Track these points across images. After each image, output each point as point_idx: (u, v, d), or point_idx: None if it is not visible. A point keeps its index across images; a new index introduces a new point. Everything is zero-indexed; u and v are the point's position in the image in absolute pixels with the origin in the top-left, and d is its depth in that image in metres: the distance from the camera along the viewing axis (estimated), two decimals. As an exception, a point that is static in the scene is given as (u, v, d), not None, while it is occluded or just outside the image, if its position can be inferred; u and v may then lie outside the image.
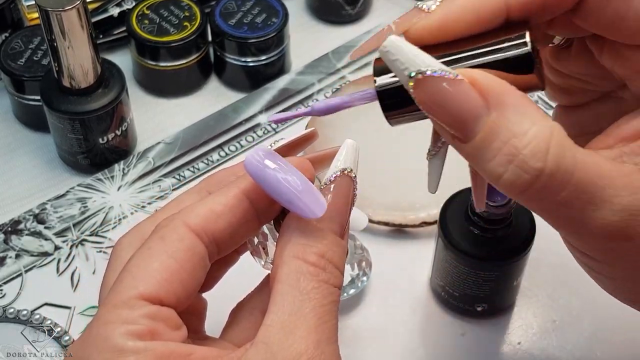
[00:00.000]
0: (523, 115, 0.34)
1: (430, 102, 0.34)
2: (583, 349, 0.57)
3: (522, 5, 0.35)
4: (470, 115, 0.34)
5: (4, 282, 0.61)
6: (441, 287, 0.58)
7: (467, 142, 0.35)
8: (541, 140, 0.33)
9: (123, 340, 0.34)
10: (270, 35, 0.71)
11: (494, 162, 0.34)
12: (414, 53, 0.34)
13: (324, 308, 0.36)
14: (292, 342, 0.34)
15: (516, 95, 0.34)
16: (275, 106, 0.71)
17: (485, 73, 0.34)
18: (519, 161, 0.33)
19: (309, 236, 0.37)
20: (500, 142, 0.34)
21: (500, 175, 0.34)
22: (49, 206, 0.65)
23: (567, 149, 0.34)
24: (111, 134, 0.66)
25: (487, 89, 0.34)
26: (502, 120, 0.34)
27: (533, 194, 0.34)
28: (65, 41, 0.60)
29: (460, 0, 0.36)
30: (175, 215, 0.38)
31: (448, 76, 0.34)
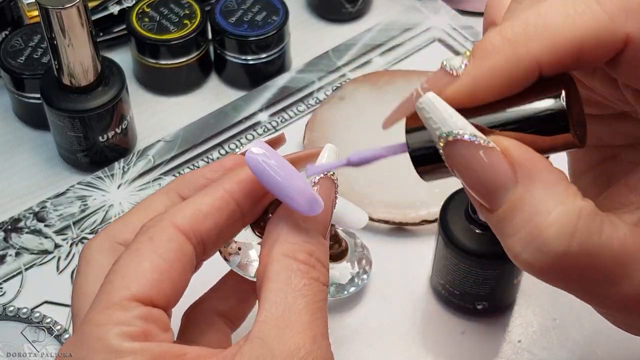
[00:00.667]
0: (551, 193, 0.32)
1: (459, 165, 0.33)
2: (583, 347, 0.57)
3: (555, 64, 0.33)
4: (497, 186, 0.33)
5: (3, 280, 0.61)
6: (441, 285, 0.58)
7: (492, 213, 0.34)
8: (566, 222, 0.32)
9: (118, 341, 0.34)
10: (271, 33, 0.71)
11: (514, 239, 0.33)
12: (449, 113, 0.33)
13: (316, 305, 0.36)
14: (289, 337, 0.35)
15: (547, 170, 0.33)
16: (276, 104, 0.71)
17: (519, 144, 0.33)
18: (540, 243, 0.32)
19: (296, 235, 0.37)
20: (523, 220, 0.33)
21: (518, 255, 0.33)
22: (49, 204, 0.65)
23: (595, 230, 0.32)
24: (111, 132, 0.66)
25: (518, 160, 0.33)
26: (527, 195, 0.32)
27: (552, 276, 0.33)
28: (65, 39, 0.60)
29: (487, 62, 0.33)
30: (162, 216, 0.38)
31: (479, 142, 0.33)
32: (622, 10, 0.32)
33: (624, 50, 0.32)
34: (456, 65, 0.34)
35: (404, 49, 0.76)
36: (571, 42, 0.32)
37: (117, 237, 0.40)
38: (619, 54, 0.32)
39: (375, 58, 0.75)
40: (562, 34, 0.32)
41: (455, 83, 0.34)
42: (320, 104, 0.71)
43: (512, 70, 0.33)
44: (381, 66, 0.74)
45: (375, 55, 0.75)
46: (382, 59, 0.75)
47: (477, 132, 0.33)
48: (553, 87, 0.33)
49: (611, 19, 0.32)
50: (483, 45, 0.33)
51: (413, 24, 0.78)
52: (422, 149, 0.35)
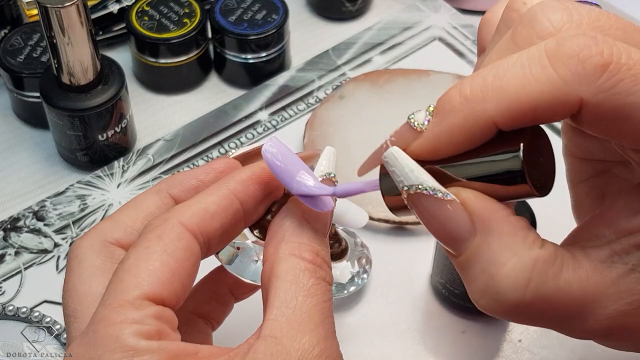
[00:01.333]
0: (507, 244, 0.34)
1: (422, 215, 0.35)
2: (584, 346, 0.57)
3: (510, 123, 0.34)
4: (458, 235, 0.34)
5: (3, 279, 0.61)
6: (442, 284, 0.58)
7: (455, 258, 0.35)
8: (520, 273, 0.33)
9: (135, 340, 0.34)
10: (271, 32, 0.71)
11: (472, 286, 0.35)
12: (410, 168, 0.35)
13: (325, 304, 0.37)
14: (303, 335, 0.35)
15: (505, 221, 0.34)
16: (275, 103, 0.71)
17: (478, 195, 0.34)
18: (494, 293, 0.34)
19: (302, 235, 0.38)
20: (480, 269, 0.34)
21: (477, 301, 0.35)
22: (49, 203, 0.65)
23: (550, 278, 0.33)
24: (111, 130, 0.66)
25: (476, 212, 0.34)
26: (484, 246, 0.34)
27: (511, 318, 0.35)
28: (64, 38, 0.60)
29: (446, 121, 0.34)
30: (169, 214, 0.37)
31: (439, 196, 0.34)
32: (575, 75, 0.32)
33: (580, 111, 0.33)
34: (420, 121, 0.35)
35: (404, 48, 0.76)
36: (526, 104, 0.33)
37: (107, 236, 0.40)
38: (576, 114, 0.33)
39: (376, 57, 0.75)
40: (517, 97, 0.33)
41: (418, 139, 0.35)
42: (320, 103, 0.71)
43: (469, 127, 0.34)
44: (381, 65, 0.74)
45: (376, 54, 0.75)
46: (382, 57, 0.75)
47: (437, 186, 0.34)
48: (514, 140, 0.34)
49: (565, 83, 0.32)
50: (443, 104, 0.35)
51: (413, 22, 0.78)
52: (393, 192, 0.37)
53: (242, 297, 0.48)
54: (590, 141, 0.40)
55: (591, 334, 0.35)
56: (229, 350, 0.35)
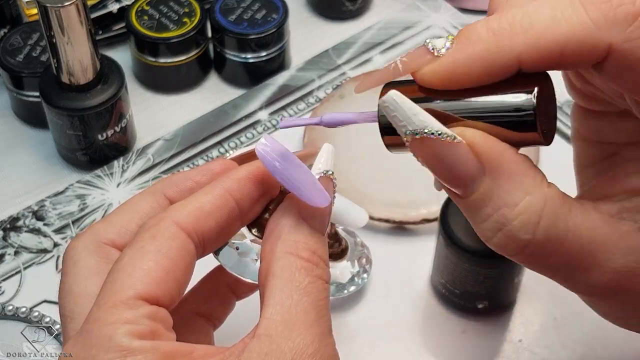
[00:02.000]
0: (517, 184, 0.34)
1: (426, 160, 0.35)
2: (584, 345, 0.57)
3: (535, 62, 0.33)
4: (466, 177, 0.34)
5: (2, 279, 0.61)
6: (442, 284, 0.57)
7: (463, 199, 0.35)
8: (532, 212, 0.34)
9: (128, 340, 0.34)
10: (270, 31, 0.71)
11: (485, 225, 0.35)
12: (413, 112, 0.34)
13: (321, 303, 0.36)
14: (298, 334, 0.35)
15: (514, 161, 0.34)
16: (275, 102, 0.71)
17: (484, 135, 0.34)
18: (507, 231, 0.34)
19: (298, 233, 0.38)
20: (491, 209, 0.34)
21: (489, 239, 0.35)
22: (48, 203, 0.65)
23: (560, 218, 0.34)
24: (110, 130, 0.66)
25: (484, 153, 0.34)
26: (495, 187, 0.34)
27: (521, 258, 0.35)
28: (64, 37, 0.60)
29: (469, 49, 0.34)
30: (164, 214, 0.37)
31: (445, 139, 0.34)
32: (607, 20, 0.32)
33: (606, 58, 0.33)
34: (438, 46, 0.35)
35: (405, 47, 0.76)
36: (554, 43, 0.33)
37: (102, 237, 0.40)
38: (601, 62, 0.33)
39: (376, 56, 0.75)
40: (546, 35, 0.33)
41: (434, 62, 0.35)
42: (320, 103, 0.71)
43: (492, 60, 0.34)
44: (381, 64, 0.74)
45: (376, 54, 0.75)
46: (383, 57, 0.75)
47: (443, 129, 0.34)
48: (528, 83, 0.34)
49: (596, 26, 0.32)
50: (468, 33, 0.34)
51: (413, 22, 0.78)
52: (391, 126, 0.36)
53: (243, 295, 0.48)
54: (602, 122, 0.40)
55: (596, 288, 0.35)
56: (224, 350, 0.35)
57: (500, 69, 0.34)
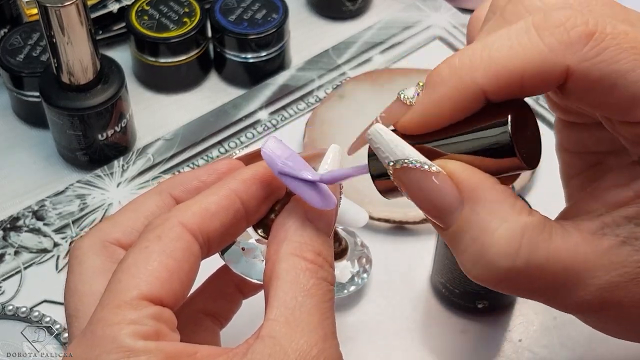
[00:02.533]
0: (495, 212, 0.34)
1: (409, 190, 0.35)
2: (584, 346, 0.57)
3: (498, 92, 0.34)
4: (445, 207, 0.35)
5: (2, 279, 0.61)
6: (442, 284, 0.58)
7: (444, 231, 0.35)
8: (510, 239, 0.34)
9: (132, 340, 0.34)
10: (270, 31, 0.71)
11: (464, 257, 0.35)
12: (395, 143, 0.35)
13: (325, 305, 0.36)
14: (301, 335, 0.35)
15: (492, 189, 0.34)
16: (275, 102, 0.71)
17: (464, 166, 0.35)
18: (486, 261, 0.34)
19: (304, 235, 0.38)
20: (470, 239, 0.34)
21: (470, 271, 0.35)
22: (48, 203, 0.65)
23: (540, 244, 0.34)
24: (110, 130, 0.66)
25: (462, 182, 0.34)
26: (473, 216, 0.34)
27: (504, 287, 0.35)
28: (64, 37, 0.60)
29: (436, 93, 0.35)
30: (169, 214, 0.37)
31: (425, 168, 0.35)
32: (562, 43, 0.33)
33: (566, 80, 0.33)
34: (410, 96, 0.36)
35: (404, 47, 0.76)
36: (513, 72, 0.33)
37: (108, 237, 0.40)
38: (564, 84, 0.34)
39: (376, 56, 0.75)
40: (504, 65, 0.34)
41: (408, 112, 0.36)
42: (320, 102, 0.71)
43: (458, 97, 0.35)
44: (381, 64, 0.74)
45: (376, 53, 0.75)
46: (383, 57, 0.75)
47: (422, 159, 0.35)
48: (501, 112, 0.35)
49: (551, 51, 0.33)
50: (433, 77, 0.35)
51: (413, 22, 0.78)
52: (381, 172, 0.37)
53: (249, 294, 0.47)
54: (583, 133, 0.40)
55: (583, 307, 0.35)
56: (228, 351, 0.35)
57: (467, 104, 0.35)
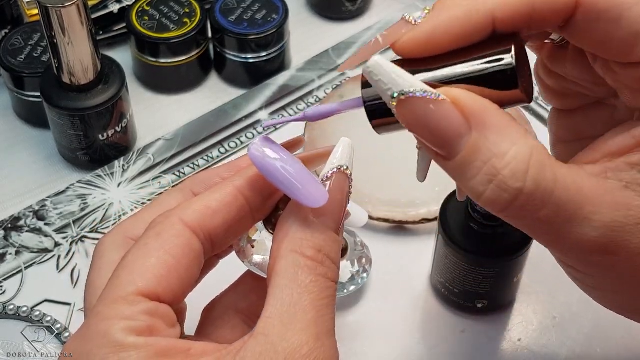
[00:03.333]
0: (503, 135, 0.34)
1: (412, 122, 0.35)
2: (583, 345, 0.57)
3: (508, 19, 0.35)
4: (452, 135, 0.35)
5: (4, 278, 0.61)
6: (441, 283, 0.58)
7: (449, 160, 0.35)
8: (520, 161, 0.34)
9: (123, 335, 0.34)
10: (271, 31, 0.71)
11: (475, 181, 0.35)
12: (397, 74, 0.35)
13: (323, 302, 0.36)
14: (293, 334, 0.35)
15: (498, 115, 0.35)
16: (275, 102, 0.71)
17: (468, 92, 0.35)
18: (499, 181, 0.34)
19: (306, 231, 0.37)
20: (481, 162, 0.34)
21: (482, 194, 0.35)
22: (49, 203, 0.65)
23: (547, 168, 0.34)
24: (111, 130, 0.66)
25: (469, 108, 0.34)
26: (482, 140, 0.34)
27: (513, 212, 0.35)
28: (65, 37, 0.60)
29: (446, 13, 0.35)
30: (171, 212, 0.38)
31: (430, 97, 0.34)
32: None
33: (575, 12, 0.34)
34: (417, 16, 0.36)
35: (404, 48, 0.76)
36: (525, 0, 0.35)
37: (129, 233, 0.40)
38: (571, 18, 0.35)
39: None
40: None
41: (413, 30, 0.36)
42: (319, 103, 0.71)
43: (468, 21, 0.35)
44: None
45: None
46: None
47: (427, 87, 0.34)
48: (504, 43, 0.35)
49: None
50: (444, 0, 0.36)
51: (413, 22, 0.78)
52: (376, 103, 0.37)
53: None
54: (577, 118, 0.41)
55: (587, 246, 0.35)
56: (223, 348, 0.35)
57: (476, 28, 0.35)
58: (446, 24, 0.35)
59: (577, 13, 0.34)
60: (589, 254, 0.36)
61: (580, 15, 0.34)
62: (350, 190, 0.39)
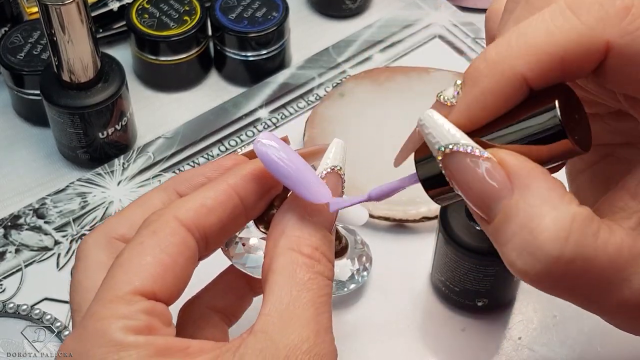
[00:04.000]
0: (545, 199, 0.33)
1: (457, 177, 0.34)
2: (583, 343, 0.57)
3: (540, 78, 0.33)
4: (494, 196, 0.33)
5: (3, 276, 0.61)
6: (442, 282, 0.58)
7: (489, 224, 0.34)
8: (561, 227, 0.32)
9: (122, 335, 0.34)
10: (271, 29, 0.71)
11: (509, 246, 0.33)
12: (447, 127, 0.34)
13: (321, 299, 0.36)
14: (293, 330, 0.35)
15: (543, 179, 0.33)
16: (276, 100, 0.71)
17: (515, 154, 0.34)
18: (534, 248, 0.32)
19: (302, 229, 0.38)
20: (517, 226, 0.33)
21: (514, 262, 0.33)
22: (49, 201, 0.65)
23: (590, 234, 0.32)
24: (111, 128, 0.66)
25: (513, 169, 0.33)
26: (522, 202, 0.33)
27: (548, 282, 0.33)
28: (64, 35, 0.60)
29: (478, 87, 0.34)
30: (165, 210, 0.38)
31: (476, 153, 0.33)
32: (599, 20, 0.32)
33: (606, 57, 0.33)
34: (450, 96, 0.35)
35: (405, 46, 0.76)
36: (553, 55, 0.33)
37: (113, 232, 0.40)
38: (602, 62, 0.33)
39: (376, 54, 0.75)
40: (543, 49, 0.33)
41: (451, 113, 0.35)
42: (320, 101, 0.71)
43: (501, 89, 0.34)
44: (381, 62, 0.74)
45: (376, 52, 0.75)
46: (383, 55, 0.75)
47: (474, 144, 0.34)
48: (547, 99, 0.34)
49: (589, 28, 0.32)
50: (471, 73, 0.34)
51: (413, 20, 0.78)
52: (430, 175, 0.37)
53: (260, 291, 0.47)
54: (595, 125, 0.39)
55: (626, 308, 0.34)
56: (221, 346, 0.35)
57: (510, 94, 0.34)
58: (480, 99, 0.34)
59: (607, 59, 0.33)
60: (629, 315, 0.35)
61: (611, 60, 0.33)
62: (343, 191, 0.39)
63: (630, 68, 0.33)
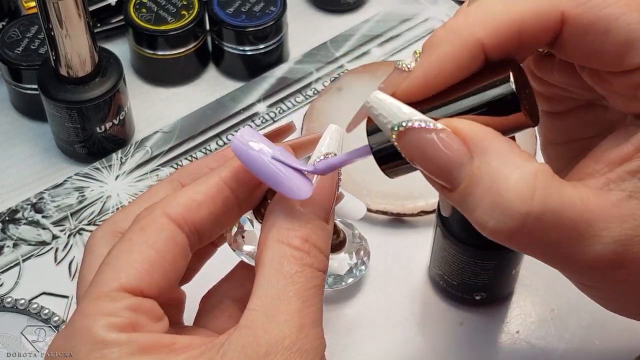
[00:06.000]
0: (506, 160, 0.33)
1: (414, 153, 0.35)
2: (581, 337, 0.57)
3: (497, 46, 0.35)
4: (454, 164, 0.34)
5: (1, 271, 0.61)
6: (439, 276, 0.58)
7: (453, 192, 0.35)
8: (525, 184, 0.33)
9: (105, 332, 0.34)
10: (269, 23, 0.71)
11: (479, 210, 0.34)
12: (396, 106, 0.34)
13: (308, 292, 0.36)
14: (275, 326, 0.34)
15: (499, 140, 0.34)
16: (273, 95, 0.71)
17: (467, 121, 0.34)
18: (504, 207, 0.33)
19: (293, 220, 0.37)
20: (484, 190, 0.34)
21: (486, 224, 0.34)
22: (47, 195, 0.65)
23: (554, 189, 0.33)
24: (109, 123, 0.66)
25: (469, 136, 0.34)
26: (484, 166, 0.34)
27: (521, 239, 0.34)
28: (62, 30, 0.60)
29: (435, 53, 0.35)
30: (155, 205, 0.38)
31: (430, 126, 0.34)
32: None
33: (562, 28, 0.34)
34: (407, 61, 0.36)
35: (402, 40, 0.76)
36: (511, 24, 0.34)
37: (118, 227, 0.40)
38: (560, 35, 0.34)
39: (374, 49, 0.75)
40: (502, 17, 0.34)
41: (408, 78, 0.36)
42: (318, 95, 0.71)
43: (458, 55, 0.35)
44: (379, 57, 0.74)
45: (374, 46, 0.75)
46: (381, 49, 0.75)
47: (426, 117, 0.34)
48: (501, 71, 0.35)
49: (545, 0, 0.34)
50: (431, 39, 0.36)
51: (411, 14, 0.78)
52: (383, 148, 0.36)
53: None
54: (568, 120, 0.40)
55: (597, 263, 0.34)
56: (209, 341, 0.35)
57: (467, 61, 0.35)
58: (437, 64, 0.35)
59: (563, 29, 0.34)
60: (599, 271, 0.35)
61: (567, 31, 0.34)
62: (339, 178, 0.39)
63: (585, 38, 0.34)
